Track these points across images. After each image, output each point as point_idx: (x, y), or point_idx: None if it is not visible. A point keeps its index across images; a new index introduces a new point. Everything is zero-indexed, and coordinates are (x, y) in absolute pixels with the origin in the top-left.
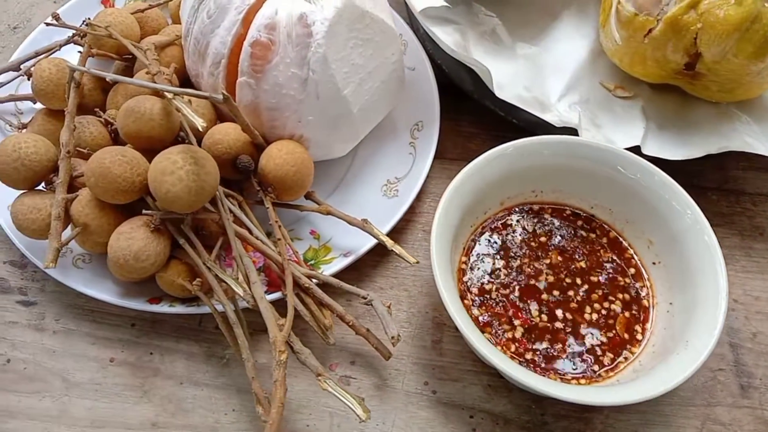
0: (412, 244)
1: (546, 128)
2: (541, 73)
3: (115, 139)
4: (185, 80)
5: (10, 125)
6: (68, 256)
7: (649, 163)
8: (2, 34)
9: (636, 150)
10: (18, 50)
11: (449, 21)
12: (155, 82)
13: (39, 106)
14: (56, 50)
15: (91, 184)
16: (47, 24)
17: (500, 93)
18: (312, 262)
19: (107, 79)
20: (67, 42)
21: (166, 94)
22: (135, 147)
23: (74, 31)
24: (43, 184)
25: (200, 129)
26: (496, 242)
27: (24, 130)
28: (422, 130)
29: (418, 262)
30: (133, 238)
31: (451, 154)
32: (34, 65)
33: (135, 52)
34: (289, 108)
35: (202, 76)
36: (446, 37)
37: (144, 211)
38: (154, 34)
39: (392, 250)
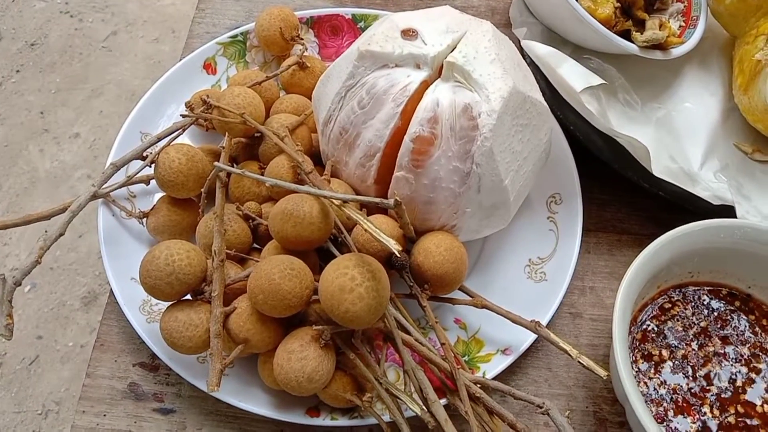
0: (561, 328)
1: (691, 200)
2: (678, 137)
3: (255, 233)
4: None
5: (129, 214)
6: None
7: None
8: (20, 52)
9: None
10: (124, 127)
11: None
12: (311, 182)
13: (152, 187)
14: (179, 134)
15: (259, 301)
16: (183, 116)
17: (657, 172)
18: (466, 358)
19: (266, 184)
20: (190, 125)
21: (333, 201)
22: (286, 248)
23: (197, 116)
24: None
25: (397, 254)
26: (656, 331)
27: (146, 220)
28: (561, 204)
29: (608, 375)
30: (306, 358)
31: (586, 223)
32: (159, 152)
33: (282, 146)
34: (446, 201)
35: (345, 164)
36: (589, 107)
37: (314, 327)
38: (268, 105)
39: (578, 362)
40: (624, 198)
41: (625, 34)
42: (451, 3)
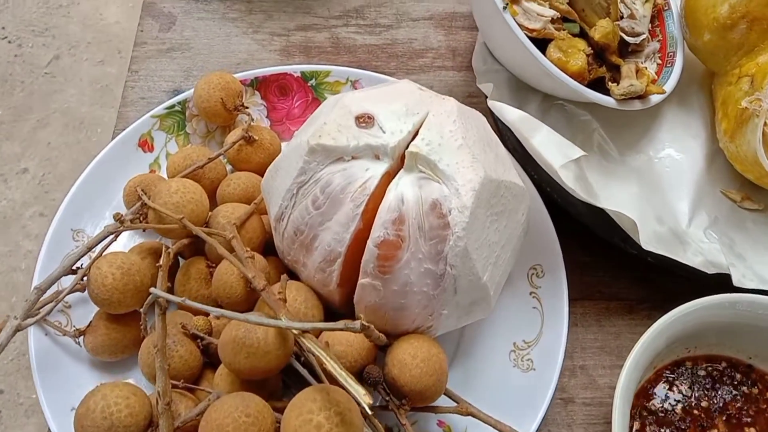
0: (553, 416)
1: (683, 265)
2: (662, 192)
3: (206, 352)
4: (266, 252)
5: (63, 332)
6: None
7: None
8: None
9: None
10: (52, 227)
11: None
12: (264, 300)
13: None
14: (111, 242)
15: None
16: (111, 231)
17: (646, 244)
18: None
19: (211, 314)
20: (124, 230)
21: (293, 330)
22: (242, 378)
23: (127, 228)
24: None
25: (368, 411)
26: (655, 415)
27: (82, 338)
28: (543, 277)
29: None
30: None
31: (571, 293)
32: (89, 266)
33: (229, 258)
34: (420, 305)
35: (304, 265)
36: (568, 173)
37: None
38: (213, 186)
39: None
40: (608, 259)
41: (600, 81)
42: (410, 46)
